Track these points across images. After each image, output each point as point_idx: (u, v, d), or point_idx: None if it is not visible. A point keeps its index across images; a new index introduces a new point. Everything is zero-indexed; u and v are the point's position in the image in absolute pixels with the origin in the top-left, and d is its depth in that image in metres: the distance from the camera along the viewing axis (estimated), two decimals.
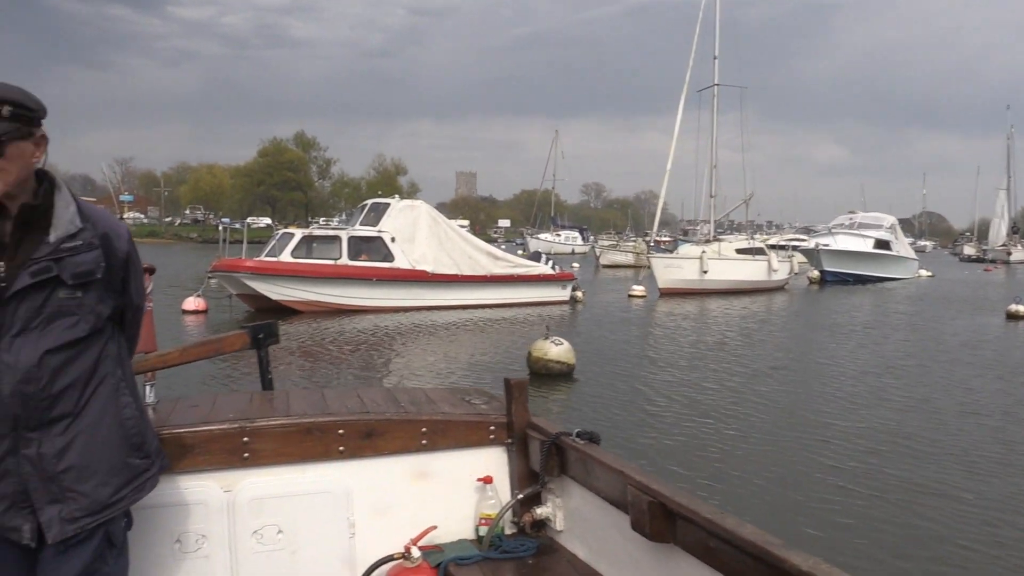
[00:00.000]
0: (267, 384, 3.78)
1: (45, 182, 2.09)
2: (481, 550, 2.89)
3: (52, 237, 2.03)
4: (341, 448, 2.89)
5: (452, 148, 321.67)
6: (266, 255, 21.25)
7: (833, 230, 45.12)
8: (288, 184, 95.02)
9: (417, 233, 22.39)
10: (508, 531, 3.04)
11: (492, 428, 3.11)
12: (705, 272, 30.42)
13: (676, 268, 30.25)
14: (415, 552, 2.73)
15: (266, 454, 2.80)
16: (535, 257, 26.56)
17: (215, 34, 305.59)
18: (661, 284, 29.37)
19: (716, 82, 36.37)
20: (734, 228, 59.60)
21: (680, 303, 26.60)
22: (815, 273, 40.23)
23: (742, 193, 38.69)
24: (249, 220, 51.46)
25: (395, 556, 2.75)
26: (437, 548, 2.89)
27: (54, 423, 2.03)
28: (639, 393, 11.49)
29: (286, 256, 20.98)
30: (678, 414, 10.21)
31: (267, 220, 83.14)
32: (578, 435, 2.83)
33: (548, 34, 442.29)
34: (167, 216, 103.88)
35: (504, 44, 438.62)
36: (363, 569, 2.79)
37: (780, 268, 34.16)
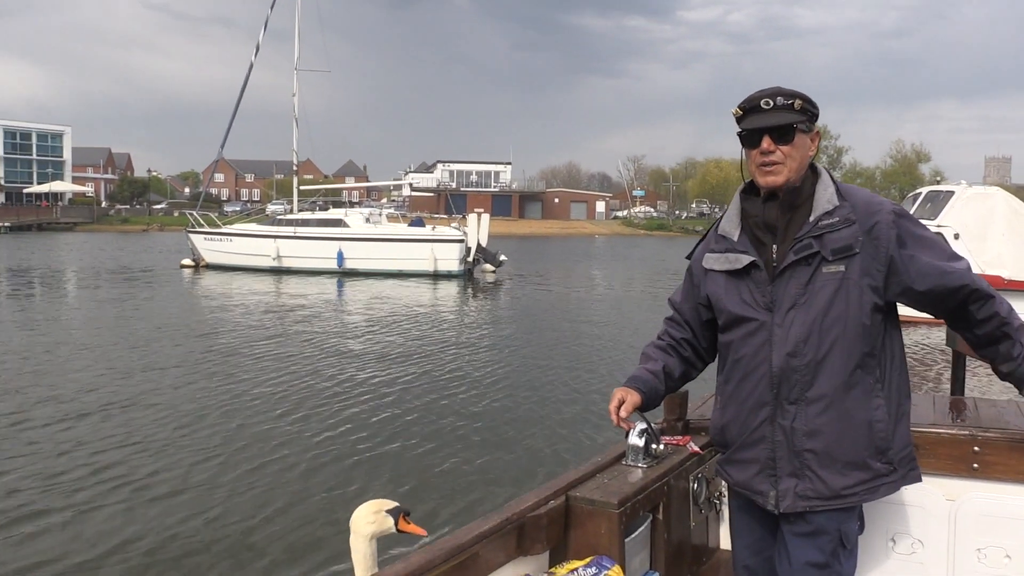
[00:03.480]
0: (959, 388, 3.97)
1: (809, 170, 2.25)
2: None
3: (812, 216, 2.16)
4: None
5: (980, 131, 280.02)
6: None
7: None
8: None
9: (990, 229, 17.80)
10: None
11: None
12: None
13: None
14: None
15: (1000, 468, 2.56)
16: None
17: (721, 32, 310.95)
18: None
19: None
20: None
21: None
22: None
23: None
24: None
25: None
26: None
27: (810, 403, 2.12)
28: None
29: None
30: None
31: None
32: None
33: None
34: (675, 210, 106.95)
35: None
36: None
37: None
